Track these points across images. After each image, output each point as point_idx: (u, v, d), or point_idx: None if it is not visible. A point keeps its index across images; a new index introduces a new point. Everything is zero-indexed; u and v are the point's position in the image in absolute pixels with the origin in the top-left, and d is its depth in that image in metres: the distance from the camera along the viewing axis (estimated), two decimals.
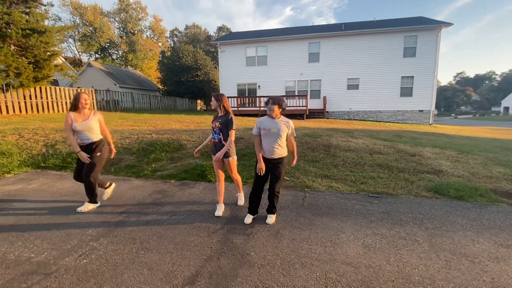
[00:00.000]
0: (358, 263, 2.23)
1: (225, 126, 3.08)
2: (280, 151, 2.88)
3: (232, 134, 3.10)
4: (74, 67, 25.25)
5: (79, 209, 3.32)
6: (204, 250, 2.42)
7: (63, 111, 12.73)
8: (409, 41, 16.67)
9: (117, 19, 35.22)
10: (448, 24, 15.76)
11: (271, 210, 3.05)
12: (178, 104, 25.82)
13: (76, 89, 14.05)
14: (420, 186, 4.35)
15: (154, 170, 5.19)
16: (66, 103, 12.93)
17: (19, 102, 10.66)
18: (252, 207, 3.07)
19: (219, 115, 3.17)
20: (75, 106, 3.17)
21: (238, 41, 19.00)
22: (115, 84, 23.72)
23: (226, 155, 3.17)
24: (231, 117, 3.09)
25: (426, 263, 2.24)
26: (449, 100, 68.21)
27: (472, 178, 4.76)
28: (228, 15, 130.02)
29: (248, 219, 3.02)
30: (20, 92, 10.53)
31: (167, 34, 44.37)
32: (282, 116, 2.92)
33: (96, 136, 3.29)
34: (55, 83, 17.36)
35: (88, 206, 3.37)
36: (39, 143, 6.24)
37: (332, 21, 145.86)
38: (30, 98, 11.13)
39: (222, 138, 3.11)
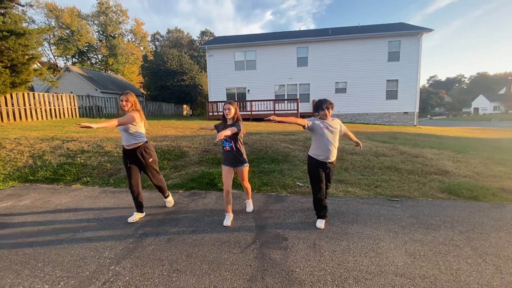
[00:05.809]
0: (411, 273, 2.12)
1: (236, 133, 3.04)
2: (335, 152, 2.95)
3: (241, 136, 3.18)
4: (49, 72, 23.80)
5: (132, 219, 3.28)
6: (244, 269, 2.22)
7: (42, 118, 11.87)
8: (393, 46, 17.31)
9: (96, 22, 33.79)
10: (429, 30, 16.56)
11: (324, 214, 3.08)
12: (164, 109, 25.12)
13: (60, 95, 13.11)
14: (433, 187, 4.38)
15: None
16: (45, 110, 12.07)
17: None
18: (322, 213, 3.06)
19: (228, 123, 3.12)
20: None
21: (226, 45, 18.83)
22: (96, 89, 22.64)
23: (242, 162, 3.12)
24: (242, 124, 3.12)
25: (477, 269, 2.18)
26: (425, 102, 71.72)
27: (478, 178, 4.88)
28: (208, 19, 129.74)
29: (321, 223, 2.99)
30: None
31: (149, 38, 43.32)
32: (330, 117, 2.99)
33: (136, 140, 3.11)
34: (31, 88, 16.23)
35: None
36: (24, 154, 5.69)
37: (312, 26, 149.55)
38: (6, 105, 10.27)
39: (233, 145, 3.07)
